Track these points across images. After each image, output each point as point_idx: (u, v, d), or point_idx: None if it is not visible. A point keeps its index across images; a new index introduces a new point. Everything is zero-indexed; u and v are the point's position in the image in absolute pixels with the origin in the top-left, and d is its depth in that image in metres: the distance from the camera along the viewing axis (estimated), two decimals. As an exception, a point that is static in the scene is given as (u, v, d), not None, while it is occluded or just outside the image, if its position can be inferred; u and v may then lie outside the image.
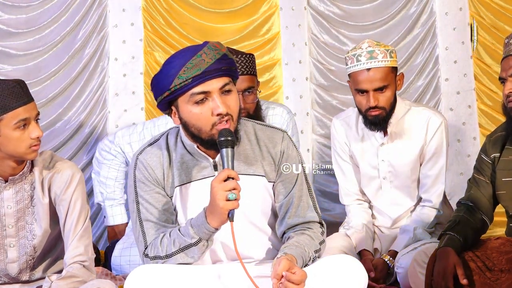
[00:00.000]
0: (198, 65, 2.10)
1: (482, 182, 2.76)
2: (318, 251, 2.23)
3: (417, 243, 3.01)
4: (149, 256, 2.18)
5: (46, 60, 4.20)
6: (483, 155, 2.77)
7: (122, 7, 4.29)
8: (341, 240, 3.14)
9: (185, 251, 2.13)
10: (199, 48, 2.15)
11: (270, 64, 4.41)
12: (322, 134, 4.41)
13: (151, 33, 4.32)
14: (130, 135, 3.60)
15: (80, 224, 2.47)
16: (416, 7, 4.39)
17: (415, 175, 3.19)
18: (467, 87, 4.37)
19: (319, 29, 4.42)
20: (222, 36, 4.35)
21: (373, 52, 3.00)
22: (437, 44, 4.38)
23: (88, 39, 4.24)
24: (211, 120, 2.12)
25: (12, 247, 2.49)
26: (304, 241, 2.20)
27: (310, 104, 4.43)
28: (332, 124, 3.33)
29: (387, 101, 3.04)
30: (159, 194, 2.23)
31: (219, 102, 2.10)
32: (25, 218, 2.48)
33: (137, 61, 4.31)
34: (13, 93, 2.32)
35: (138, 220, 2.23)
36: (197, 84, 2.10)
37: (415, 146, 3.15)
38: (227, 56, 2.16)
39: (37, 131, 2.36)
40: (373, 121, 3.06)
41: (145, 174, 2.23)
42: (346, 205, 3.33)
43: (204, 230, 2.09)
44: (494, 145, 2.73)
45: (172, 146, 2.26)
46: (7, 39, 4.17)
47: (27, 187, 2.47)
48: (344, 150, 3.28)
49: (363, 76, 3.00)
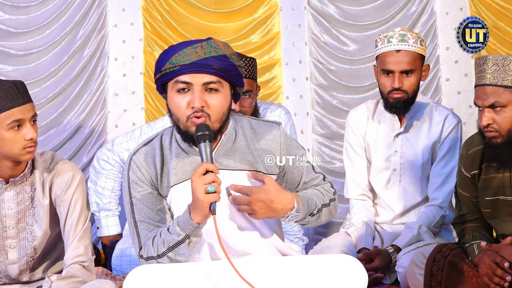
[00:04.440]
0: (189, 55, 2.12)
1: (467, 199, 2.72)
2: (327, 205, 2.26)
3: (419, 243, 3.02)
4: (143, 257, 2.19)
5: (46, 60, 4.20)
6: (463, 168, 2.71)
7: (122, 6, 4.29)
8: (341, 239, 3.15)
9: (174, 249, 2.13)
10: (200, 40, 2.17)
11: (270, 64, 4.41)
12: (322, 134, 4.41)
13: (151, 33, 4.31)
14: (128, 142, 3.58)
15: (80, 224, 2.47)
16: (416, 7, 4.39)
17: (426, 171, 3.21)
18: (468, 87, 4.36)
19: (319, 29, 4.42)
20: (222, 36, 4.35)
21: (405, 36, 3.08)
22: (438, 44, 4.38)
23: (88, 39, 4.24)
24: (186, 112, 2.14)
25: (13, 248, 2.48)
26: (313, 192, 2.26)
27: (310, 104, 4.42)
28: (349, 116, 3.35)
29: (411, 86, 3.10)
30: (152, 194, 2.23)
31: (197, 96, 2.12)
32: (25, 220, 2.48)
33: (137, 61, 4.31)
34: (8, 94, 2.32)
35: (132, 221, 2.23)
36: (183, 73, 2.12)
37: (429, 140, 3.18)
38: (228, 58, 2.16)
39: (32, 132, 2.35)
40: (394, 104, 3.11)
41: (138, 175, 2.23)
42: (350, 199, 3.33)
43: (188, 226, 2.10)
44: (472, 162, 2.67)
45: (167, 146, 2.26)
46: (7, 39, 4.16)
47: (28, 189, 2.47)
48: (358, 142, 3.30)
49: (391, 57, 3.07)
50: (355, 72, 4.37)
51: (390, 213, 3.26)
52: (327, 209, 2.27)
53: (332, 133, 4.39)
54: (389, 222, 3.28)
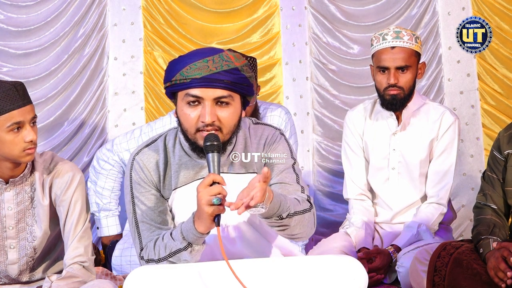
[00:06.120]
0: (201, 69, 2.10)
1: (495, 181, 2.75)
2: (299, 213, 2.13)
3: (419, 242, 3.03)
4: (144, 259, 2.19)
5: (46, 60, 4.19)
6: (496, 151, 2.75)
7: (122, 6, 4.28)
8: (341, 240, 3.15)
9: (176, 255, 2.13)
10: (213, 52, 2.15)
11: (270, 64, 4.40)
12: (322, 133, 4.40)
13: (151, 33, 4.31)
14: (128, 142, 3.58)
15: (80, 225, 2.47)
16: (418, 7, 4.38)
17: (424, 169, 3.22)
18: (470, 87, 4.36)
19: (320, 29, 4.41)
20: (222, 36, 4.35)
21: (399, 33, 3.11)
22: (440, 44, 4.37)
23: (88, 38, 4.23)
24: (196, 125, 2.13)
25: (13, 248, 2.48)
26: (288, 197, 2.13)
27: (311, 104, 4.41)
28: (347, 116, 3.38)
29: (407, 83, 3.13)
30: (155, 196, 2.23)
31: (208, 111, 2.11)
32: (25, 220, 2.48)
33: (137, 61, 4.30)
34: (8, 96, 2.32)
35: (134, 221, 2.23)
36: (194, 86, 2.11)
37: (426, 138, 3.20)
38: (239, 71, 2.14)
39: (31, 134, 2.35)
40: (390, 101, 3.14)
41: (141, 176, 2.23)
42: (349, 199, 3.34)
43: (192, 235, 2.09)
44: (509, 141, 2.70)
45: (171, 147, 2.26)
46: (7, 38, 4.16)
47: (28, 189, 2.47)
48: (356, 142, 3.32)
49: (387, 54, 3.10)
50: (357, 73, 4.37)
51: (389, 212, 3.27)
52: (300, 218, 2.14)
53: (332, 133, 4.38)
54: (388, 221, 3.28)
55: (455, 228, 4.13)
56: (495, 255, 2.52)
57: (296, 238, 2.18)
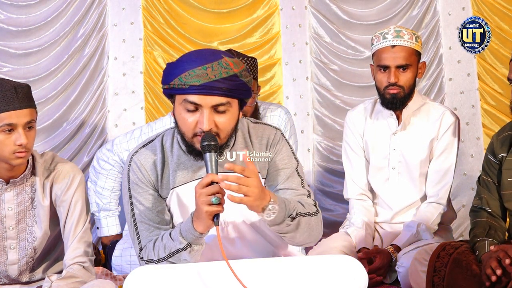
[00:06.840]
0: (199, 77, 2.09)
1: (491, 185, 2.76)
2: (305, 215, 2.16)
3: (419, 242, 3.04)
4: (143, 259, 2.19)
5: (46, 60, 4.19)
6: (490, 155, 2.76)
7: (122, 6, 4.28)
8: (341, 240, 3.16)
9: (175, 255, 2.13)
10: (212, 58, 2.12)
11: (270, 63, 4.41)
12: (322, 133, 4.40)
13: (151, 32, 4.31)
14: (128, 142, 3.58)
15: (80, 225, 2.47)
16: (419, 8, 4.38)
17: (424, 169, 3.22)
18: (471, 86, 4.36)
19: (321, 28, 4.41)
20: (222, 36, 4.35)
21: (400, 32, 3.12)
22: (441, 44, 4.38)
23: (88, 38, 4.23)
24: (194, 130, 2.13)
25: (13, 249, 2.48)
26: (293, 199, 2.17)
27: (311, 104, 4.42)
28: (347, 116, 3.38)
29: (407, 81, 3.13)
30: (153, 196, 2.23)
31: (206, 118, 2.10)
32: (25, 220, 2.48)
33: (137, 60, 4.30)
34: (5, 97, 2.30)
35: (132, 222, 2.23)
36: (192, 93, 2.10)
37: (426, 137, 3.20)
38: (238, 77, 2.13)
39: (22, 138, 2.33)
40: (390, 100, 3.14)
41: (139, 176, 2.23)
42: (349, 199, 3.34)
43: (191, 235, 2.09)
44: (502, 144, 2.72)
45: (168, 147, 2.26)
46: (7, 38, 4.16)
47: (28, 189, 2.47)
48: (356, 142, 3.33)
49: (387, 53, 3.11)
50: (358, 73, 4.37)
51: (389, 211, 3.28)
52: (306, 221, 2.17)
53: (332, 133, 4.38)
54: (388, 221, 3.29)
55: (455, 228, 4.14)
56: (491, 256, 2.52)
57: (303, 244, 2.22)
